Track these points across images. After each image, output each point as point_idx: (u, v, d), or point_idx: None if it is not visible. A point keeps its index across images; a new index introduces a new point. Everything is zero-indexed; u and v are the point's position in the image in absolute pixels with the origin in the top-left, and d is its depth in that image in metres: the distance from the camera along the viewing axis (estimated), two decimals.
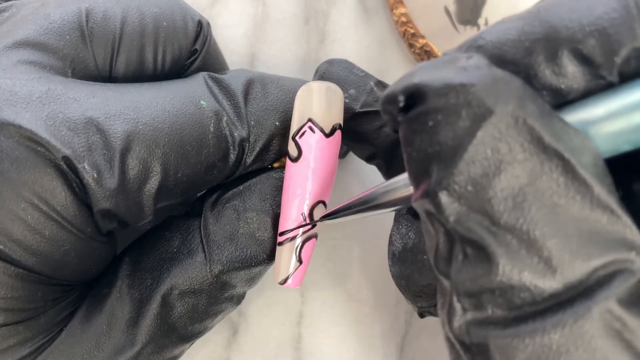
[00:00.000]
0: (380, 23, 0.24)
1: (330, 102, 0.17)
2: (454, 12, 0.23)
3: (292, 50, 0.24)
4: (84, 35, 0.16)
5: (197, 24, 0.18)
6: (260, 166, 0.18)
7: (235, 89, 0.17)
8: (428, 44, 0.22)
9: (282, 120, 0.17)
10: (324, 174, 0.17)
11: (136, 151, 0.15)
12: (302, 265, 0.17)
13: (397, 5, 0.23)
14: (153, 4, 0.17)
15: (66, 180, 0.14)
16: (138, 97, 0.16)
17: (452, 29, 0.23)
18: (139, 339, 0.16)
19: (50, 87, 0.15)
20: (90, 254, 0.16)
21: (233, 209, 0.17)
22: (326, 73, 0.19)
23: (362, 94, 0.18)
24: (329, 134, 0.17)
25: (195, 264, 0.17)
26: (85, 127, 0.14)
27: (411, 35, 0.23)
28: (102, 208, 0.15)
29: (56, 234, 0.14)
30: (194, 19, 0.18)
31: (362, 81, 0.19)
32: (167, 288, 0.16)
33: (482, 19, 0.23)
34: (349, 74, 0.19)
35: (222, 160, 0.16)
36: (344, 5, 0.24)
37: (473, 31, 0.23)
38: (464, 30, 0.23)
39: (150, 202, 0.15)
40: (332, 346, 0.23)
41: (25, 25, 0.16)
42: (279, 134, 0.17)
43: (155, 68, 0.17)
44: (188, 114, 0.16)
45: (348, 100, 0.18)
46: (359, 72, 0.19)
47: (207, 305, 0.17)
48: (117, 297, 0.16)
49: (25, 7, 0.16)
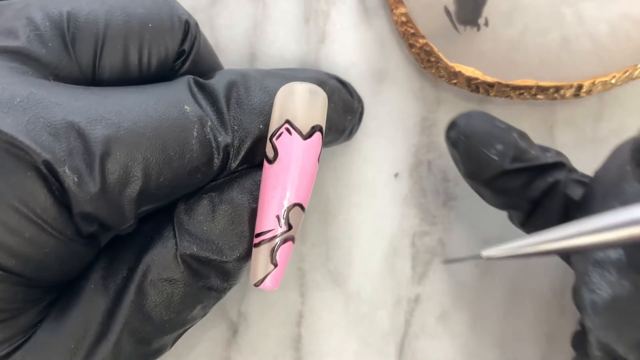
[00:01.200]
0: (380, 23, 0.24)
1: (311, 104, 0.16)
2: (454, 12, 0.23)
3: (292, 50, 0.24)
4: (65, 41, 0.16)
5: (185, 24, 0.17)
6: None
7: (218, 93, 0.17)
8: (428, 44, 0.22)
9: (266, 123, 0.17)
10: (301, 176, 0.16)
11: (116, 156, 0.15)
12: (278, 268, 0.17)
13: (397, 5, 0.23)
14: (139, 4, 0.17)
15: (47, 184, 0.14)
16: (121, 101, 0.15)
17: (452, 29, 0.23)
18: (115, 329, 0.16)
19: (32, 91, 0.15)
20: (71, 256, 0.16)
21: (209, 200, 0.17)
22: (467, 127, 0.19)
23: (510, 148, 0.18)
24: (306, 136, 0.16)
25: (168, 253, 0.16)
26: (66, 132, 0.14)
27: (411, 35, 0.23)
28: (83, 211, 0.15)
29: (37, 236, 0.14)
30: (181, 19, 0.17)
31: (506, 135, 0.19)
32: (141, 277, 0.16)
33: (482, 19, 0.22)
34: (492, 127, 0.19)
35: (207, 165, 0.16)
36: (344, 5, 0.24)
37: (473, 31, 0.23)
38: (464, 30, 0.23)
39: (131, 206, 0.15)
40: (332, 346, 0.23)
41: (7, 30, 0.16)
42: (264, 136, 0.17)
43: (140, 70, 0.17)
44: (171, 119, 0.16)
45: (497, 157, 0.18)
46: (501, 125, 0.19)
47: (183, 295, 0.17)
48: (92, 289, 0.16)
49: (7, 9, 0.16)
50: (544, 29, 0.22)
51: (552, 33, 0.22)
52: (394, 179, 0.24)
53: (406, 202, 0.24)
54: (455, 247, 0.24)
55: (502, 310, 0.23)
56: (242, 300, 0.23)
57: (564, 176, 0.19)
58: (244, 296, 0.23)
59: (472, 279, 0.23)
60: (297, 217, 0.17)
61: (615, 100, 0.23)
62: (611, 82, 0.22)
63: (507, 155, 0.18)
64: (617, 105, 0.23)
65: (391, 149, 0.24)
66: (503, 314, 0.23)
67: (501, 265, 0.23)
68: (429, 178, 0.24)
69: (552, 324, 0.23)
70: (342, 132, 0.21)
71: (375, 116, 0.24)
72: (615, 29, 0.22)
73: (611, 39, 0.22)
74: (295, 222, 0.17)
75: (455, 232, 0.24)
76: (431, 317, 0.23)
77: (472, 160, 0.19)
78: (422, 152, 0.24)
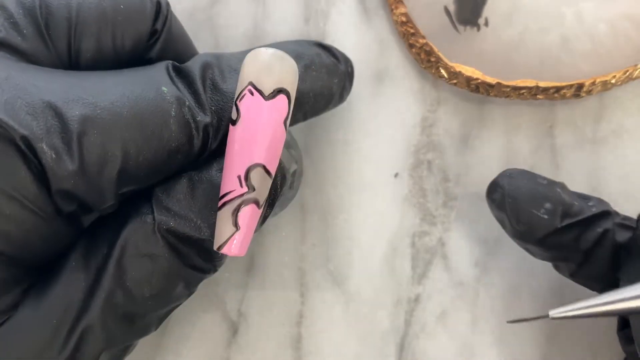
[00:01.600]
0: (380, 23, 0.24)
1: (273, 66, 0.16)
2: (454, 12, 0.23)
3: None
4: (40, 28, 0.16)
5: (156, 4, 0.18)
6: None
7: (194, 76, 0.17)
8: (428, 44, 0.22)
9: None
10: (263, 137, 0.16)
11: (94, 134, 0.15)
12: (240, 232, 0.16)
13: (397, 5, 0.23)
14: None
15: (25, 160, 0.14)
16: (98, 83, 0.16)
17: (452, 29, 0.23)
18: (96, 305, 0.16)
19: (10, 73, 0.15)
20: (52, 235, 0.16)
21: (188, 179, 0.17)
22: (512, 188, 0.19)
23: (558, 205, 0.19)
24: (268, 97, 0.16)
25: (146, 228, 0.16)
26: (44, 111, 0.14)
27: (411, 35, 0.23)
28: (61, 188, 0.15)
29: (17, 213, 0.14)
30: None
31: (551, 192, 0.19)
32: (120, 252, 0.16)
33: (482, 19, 0.22)
34: (536, 185, 0.19)
35: (187, 145, 0.16)
36: (344, 5, 0.24)
37: (473, 31, 0.23)
38: (464, 30, 0.23)
39: (111, 185, 0.15)
40: (332, 346, 0.23)
41: None
42: None
43: (115, 52, 0.17)
44: (148, 99, 0.16)
45: (547, 217, 0.19)
46: (543, 181, 0.19)
47: (163, 272, 0.16)
48: (73, 267, 0.16)
49: None
50: (544, 29, 0.22)
51: (552, 33, 0.22)
52: (394, 179, 0.24)
53: (406, 202, 0.24)
54: (455, 247, 0.24)
55: (502, 310, 0.23)
56: (242, 300, 0.23)
57: (611, 224, 0.19)
58: (244, 296, 0.23)
59: (472, 279, 0.23)
60: (260, 179, 0.16)
61: (615, 100, 0.23)
62: (611, 82, 0.22)
63: (557, 214, 0.19)
64: (617, 105, 0.23)
65: (391, 149, 0.24)
66: (503, 314, 0.23)
67: (501, 265, 0.23)
68: (429, 178, 0.24)
69: (552, 324, 0.23)
70: (331, 96, 0.21)
71: (375, 116, 0.24)
72: (615, 29, 0.22)
73: (611, 39, 0.22)
74: (259, 184, 0.16)
75: (455, 232, 0.24)
76: (431, 317, 0.23)
77: (521, 222, 0.19)
78: (422, 152, 0.24)
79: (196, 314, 0.23)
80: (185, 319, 0.23)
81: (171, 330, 0.23)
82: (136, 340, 0.18)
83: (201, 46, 0.21)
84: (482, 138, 0.24)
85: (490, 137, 0.24)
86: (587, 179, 0.23)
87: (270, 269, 0.23)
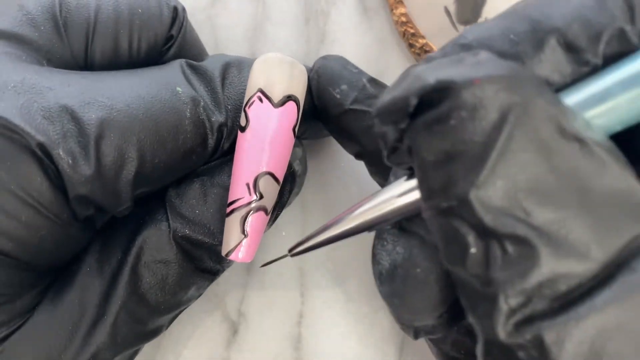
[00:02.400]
0: (380, 23, 0.24)
1: (284, 73, 0.16)
2: (454, 12, 0.23)
3: (292, 50, 0.24)
4: (58, 26, 0.16)
5: (173, 10, 0.18)
6: None
7: (213, 74, 0.17)
8: (428, 44, 0.22)
9: None
10: (272, 145, 0.16)
11: (110, 138, 0.15)
12: (249, 239, 0.16)
13: (397, 5, 0.23)
14: None
15: (42, 167, 0.14)
16: (113, 84, 0.16)
17: (452, 29, 0.23)
18: (111, 310, 0.16)
19: (25, 76, 0.15)
20: (67, 240, 0.16)
21: (200, 184, 0.17)
22: (321, 68, 0.19)
23: (354, 90, 0.18)
24: (277, 104, 0.16)
25: (161, 235, 0.16)
26: (60, 115, 0.14)
27: (411, 35, 0.23)
28: (78, 194, 0.15)
29: (33, 219, 0.14)
30: (169, 5, 0.18)
31: (354, 77, 0.18)
32: (135, 258, 0.16)
33: (482, 19, 0.22)
34: (342, 69, 0.19)
35: (201, 145, 0.17)
36: (344, 5, 0.24)
37: None
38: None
39: (127, 188, 0.15)
40: (332, 346, 0.23)
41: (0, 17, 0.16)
42: None
43: (130, 55, 0.17)
44: (163, 100, 0.16)
45: (339, 96, 0.18)
46: (353, 69, 0.19)
47: (177, 277, 0.17)
48: (87, 272, 0.16)
49: None
50: None
51: None
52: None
53: None
54: None
55: None
56: (242, 300, 0.23)
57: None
58: (244, 296, 0.23)
59: None
60: (268, 187, 0.16)
61: None
62: None
63: (349, 96, 0.18)
64: None
65: None
66: None
67: None
68: None
69: None
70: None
71: None
72: None
73: None
74: (267, 191, 0.16)
75: None
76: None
77: (319, 98, 0.19)
78: None
79: (196, 314, 0.23)
80: (185, 319, 0.23)
81: (171, 330, 0.23)
82: (146, 343, 0.18)
83: None
84: None
85: None
86: None
87: (270, 269, 0.23)
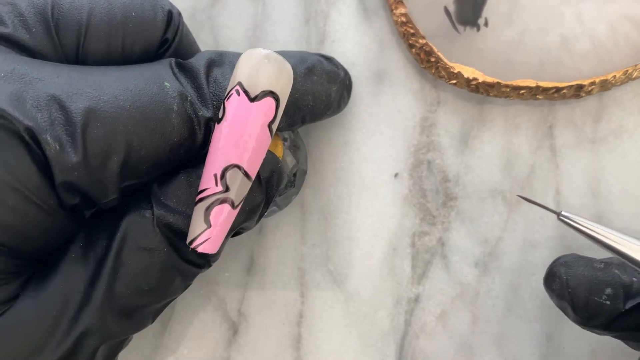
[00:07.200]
0: (380, 23, 0.24)
1: (262, 68, 0.16)
2: (454, 12, 0.23)
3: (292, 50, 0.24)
4: (49, 28, 0.16)
5: (167, 14, 0.18)
6: None
7: (198, 71, 0.17)
8: (428, 44, 0.22)
9: None
10: (243, 138, 0.16)
11: (97, 127, 0.15)
12: (212, 230, 0.16)
13: (397, 5, 0.23)
14: None
15: (29, 152, 0.14)
16: (101, 77, 0.16)
17: (452, 29, 0.23)
18: (96, 297, 0.16)
19: (15, 67, 0.15)
20: (53, 227, 0.16)
21: (185, 175, 0.17)
22: (571, 279, 0.19)
23: (619, 289, 0.18)
24: (253, 98, 0.16)
25: (145, 222, 0.16)
26: (48, 104, 0.15)
27: (411, 35, 0.23)
28: (65, 181, 0.15)
29: (19, 204, 0.15)
30: (164, 9, 0.18)
31: (610, 275, 0.19)
32: (119, 244, 0.16)
33: (482, 19, 0.22)
34: (593, 270, 0.19)
35: (189, 139, 0.17)
36: (344, 5, 0.24)
37: (473, 31, 0.23)
38: (463, 30, 0.23)
39: (114, 178, 0.15)
40: (332, 346, 0.23)
41: None
42: None
43: (123, 58, 0.17)
44: (151, 94, 0.16)
45: (609, 302, 0.18)
46: (599, 264, 0.19)
47: (162, 266, 0.17)
48: (72, 258, 0.16)
49: None
50: (544, 29, 0.22)
51: (551, 33, 0.22)
52: (394, 179, 0.24)
53: (406, 202, 0.24)
54: (455, 247, 0.24)
55: (502, 310, 0.23)
56: (242, 300, 0.23)
57: None
58: (244, 296, 0.23)
59: (472, 279, 0.23)
60: (235, 180, 0.16)
61: (614, 100, 0.23)
62: (611, 82, 0.22)
63: (619, 297, 0.18)
64: (616, 105, 0.23)
65: (391, 149, 0.24)
66: (503, 314, 0.23)
67: (501, 265, 0.23)
68: (429, 178, 0.24)
69: (552, 324, 0.23)
70: (329, 103, 0.21)
71: (376, 116, 0.24)
72: (615, 30, 0.22)
73: (611, 39, 0.22)
74: (234, 184, 0.16)
75: (455, 232, 0.24)
76: (431, 317, 0.23)
77: (585, 310, 0.19)
78: (422, 152, 0.24)
79: (196, 314, 0.23)
80: (185, 319, 0.23)
81: (171, 330, 0.23)
82: (133, 334, 0.18)
83: (201, 46, 0.21)
84: (482, 138, 0.24)
85: (490, 137, 0.24)
86: (587, 178, 0.23)
87: (270, 269, 0.23)
